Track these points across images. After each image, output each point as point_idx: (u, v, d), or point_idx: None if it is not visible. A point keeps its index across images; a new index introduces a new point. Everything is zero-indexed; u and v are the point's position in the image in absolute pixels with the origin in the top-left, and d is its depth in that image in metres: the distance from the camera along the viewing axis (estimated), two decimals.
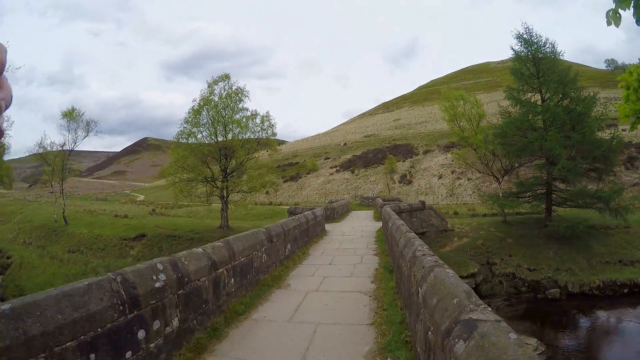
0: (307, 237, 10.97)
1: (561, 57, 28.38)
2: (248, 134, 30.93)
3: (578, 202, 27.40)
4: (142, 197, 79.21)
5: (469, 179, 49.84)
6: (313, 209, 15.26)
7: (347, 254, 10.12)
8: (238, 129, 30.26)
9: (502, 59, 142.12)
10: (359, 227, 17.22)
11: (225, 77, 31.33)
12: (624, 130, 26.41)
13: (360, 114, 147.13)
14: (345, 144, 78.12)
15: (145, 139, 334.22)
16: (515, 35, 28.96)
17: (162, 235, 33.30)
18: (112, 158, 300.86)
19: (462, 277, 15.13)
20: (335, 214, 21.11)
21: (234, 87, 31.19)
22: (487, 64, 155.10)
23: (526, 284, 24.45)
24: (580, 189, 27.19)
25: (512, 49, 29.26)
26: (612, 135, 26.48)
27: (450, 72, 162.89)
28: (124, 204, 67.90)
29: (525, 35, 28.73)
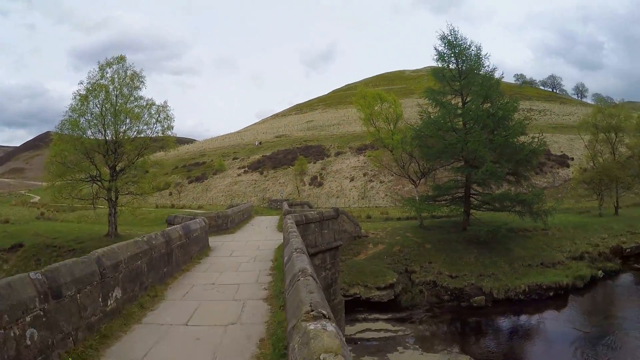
0: (167, 267, 7.03)
1: (487, 60, 27.90)
2: (141, 126, 26.61)
3: (496, 205, 27.12)
4: (37, 198, 68.49)
5: (381, 182, 49.14)
6: (193, 218, 11.30)
7: (223, 297, 6.54)
8: (128, 120, 25.88)
9: (417, 67, 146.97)
10: (256, 241, 13.59)
11: (120, 59, 26.70)
12: (534, 137, 26.63)
13: (273, 115, 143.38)
14: (260, 143, 74.48)
15: (47, 133, 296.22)
16: (439, 36, 28.21)
17: (42, 245, 28.00)
18: (9, 154, 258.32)
19: (379, 288, 10.93)
20: (228, 222, 16.99)
21: (129, 72, 26.70)
22: (402, 71, 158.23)
23: (449, 292, 23.25)
24: (503, 192, 26.99)
25: (436, 49, 28.48)
26: (534, 138, 26.45)
27: (365, 77, 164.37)
28: (14, 205, 58.51)
29: (449, 37, 28.00)
